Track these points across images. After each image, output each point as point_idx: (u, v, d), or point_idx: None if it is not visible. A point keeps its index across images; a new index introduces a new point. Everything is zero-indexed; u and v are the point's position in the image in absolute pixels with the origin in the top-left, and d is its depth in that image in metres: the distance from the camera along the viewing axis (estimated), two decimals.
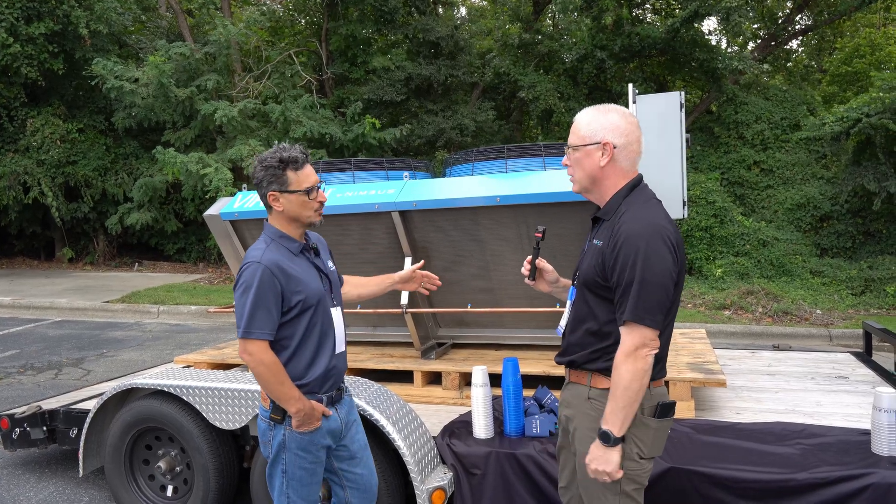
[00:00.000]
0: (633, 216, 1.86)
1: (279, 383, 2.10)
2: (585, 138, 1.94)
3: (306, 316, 2.16)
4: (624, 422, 1.82)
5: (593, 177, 1.96)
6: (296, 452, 2.17)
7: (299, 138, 11.69)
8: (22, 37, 11.95)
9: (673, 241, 1.84)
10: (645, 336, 1.80)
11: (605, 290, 1.90)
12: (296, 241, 2.23)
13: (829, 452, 2.66)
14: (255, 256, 2.12)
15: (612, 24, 12.61)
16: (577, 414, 2.00)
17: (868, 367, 4.18)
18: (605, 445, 1.84)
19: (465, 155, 4.24)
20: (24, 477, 3.99)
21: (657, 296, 1.80)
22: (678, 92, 3.71)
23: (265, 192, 2.18)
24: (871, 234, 11.50)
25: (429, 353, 3.94)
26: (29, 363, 6.84)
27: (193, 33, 14.41)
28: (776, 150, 13.08)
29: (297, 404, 2.12)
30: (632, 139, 1.94)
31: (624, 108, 1.97)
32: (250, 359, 2.09)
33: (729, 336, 7.75)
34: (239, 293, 2.10)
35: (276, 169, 2.15)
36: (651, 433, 1.91)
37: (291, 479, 2.19)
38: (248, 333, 2.07)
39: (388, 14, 13.73)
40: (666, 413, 1.92)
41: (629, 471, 1.89)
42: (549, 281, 2.25)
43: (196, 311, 9.50)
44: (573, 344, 2.01)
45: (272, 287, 2.08)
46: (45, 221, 14.48)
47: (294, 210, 2.18)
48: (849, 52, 16.01)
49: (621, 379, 1.80)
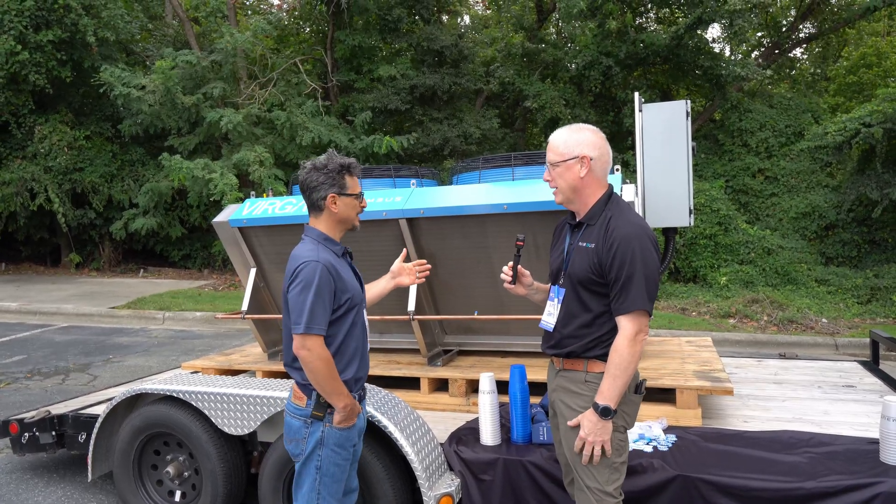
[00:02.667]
0: (622, 221, 2.12)
1: (333, 378, 2.17)
2: (565, 154, 2.18)
3: (350, 315, 2.25)
4: (619, 397, 2.09)
5: (574, 187, 2.19)
6: (333, 448, 2.23)
7: (307, 145, 11.73)
8: (30, 44, 12.06)
9: (655, 239, 2.15)
10: (642, 322, 2.08)
11: (600, 286, 2.13)
12: (338, 244, 2.33)
13: (837, 461, 2.66)
14: (311, 256, 2.18)
15: (617, 31, 12.66)
16: (572, 397, 2.21)
17: (875, 375, 4.17)
18: (605, 418, 2.08)
19: (471, 162, 4.27)
20: (33, 481, 4.01)
21: (650, 287, 2.08)
22: (684, 100, 3.73)
23: (324, 195, 2.25)
24: (877, 242, 11.48)
25: (435, 359, 3.95)
26: (36, 368, 6.87)
27: (200, 41, 14.51)
28: (781, 157, 13.08)
29: (345, 399, 2.20)
30: (604, 152, 2.20)
31: (594, 127, 2.23)
32: (308, 354, 2.13)
33: (734, 344, 7.74)
34: (297, 290, 2.15)
35: (337, 173, 2.26)
36: (633, 407, 2.21)
37: (325, 475, 2.24)
38: (308, 329, 2.12)
39: (392, 23, 13.81)
40: (642, 389, 2.24)
41: (619, 442, 2.16)
42: (525, 285, 2.45)
43: (201, 317, 9.53)
44: (568, 336, 2.21)
45: (328, 284, 2.16)
46: (51, 228, 14.56)
47: (346, 213, 2.30)
48: (854, 62, 16.02)
49: (622, 360, 2.05)
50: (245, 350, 4.76)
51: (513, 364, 3.12)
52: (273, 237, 4.13)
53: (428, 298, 3.98)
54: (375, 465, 2.82)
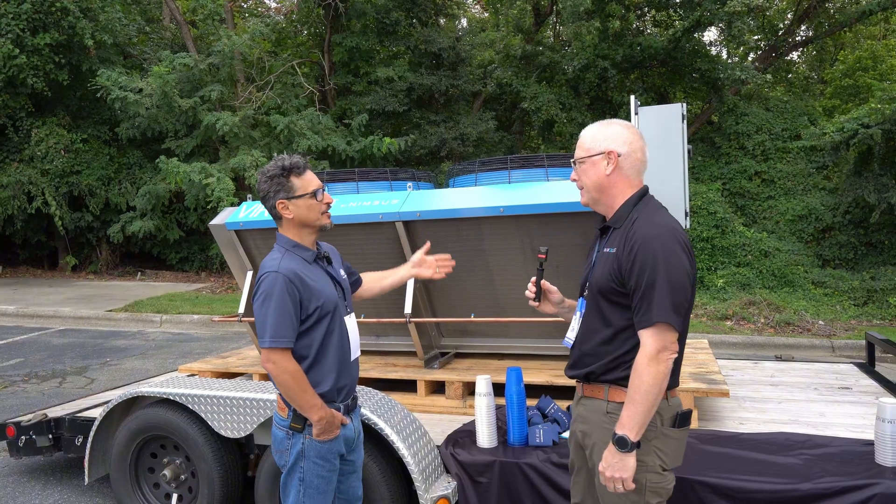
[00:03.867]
0: (646, 221, 1.88)
1: (302, 391, 2.11)
2: (590, 150, 1.99)
3: (324, 324, 2.18)
4: (641, 427, 1.80)
5: (600, 186, 1.99)
6: (314, 461, 2.18)
7: (303, 151, 11.74)
8: (28, 48, 12.06)
9: (686, 242, 1.87)
10: (666, 339, 1.80)
11: (621, 297, 1.89)
12: (309, 249, 2.25)
13: (832, 463, 2.66)
14: (272, 266, 2.13)
15: (615, 33, 12.67)
16: (594, 429, 1.96)
17: (871, 377, 4.18)
18: (622, 451, 1.80)
19: (468, 165, 4.27)
20: (30, 484, 4.00)
21: (677, 297, 1.79)
22: (680, 104, 3.74)
23: (273, 203, 2.20)
24: (874, 244, 11.51)
25: (432, 362, 3.96)
26: (33, 371, 6.85)
27: (197, 44, 14.52)
28: (777, 160, 13.12)
29: (319, 412, 2.13)
30: (635, 147, 1.97)
31: (626, 122, 2.02)
32: (274, 367, 2.09)
33: (731, 346, 7.75)
34: (259, 303, 2.11)
35: (280, 177, 2.18)
36: (673, 444, 1.91)
37: (308, 487, 2.19)
38: (272, 342, 2.07)
39: (390, 26, 13.84)
40: (684, 422, 1.92)
41: (653, 484, 1.87)
42: (554, 302, 2.22)
43: (198, 320, 9.52)
44: (587, 354, 1.98)
45: (291, 294, 2.09)
46: (48, 231, 14.54)
47: (303, 215, 2.20)
48: (851, 64, 16.08)
49: (642, 383, 1.78)
50: (242, 353, 4.75)
51: (509, 366, 3.12)
52: (269, 240, 4.13)
53: (424, 301, 3.98)
54: (372, 468, 2.82)
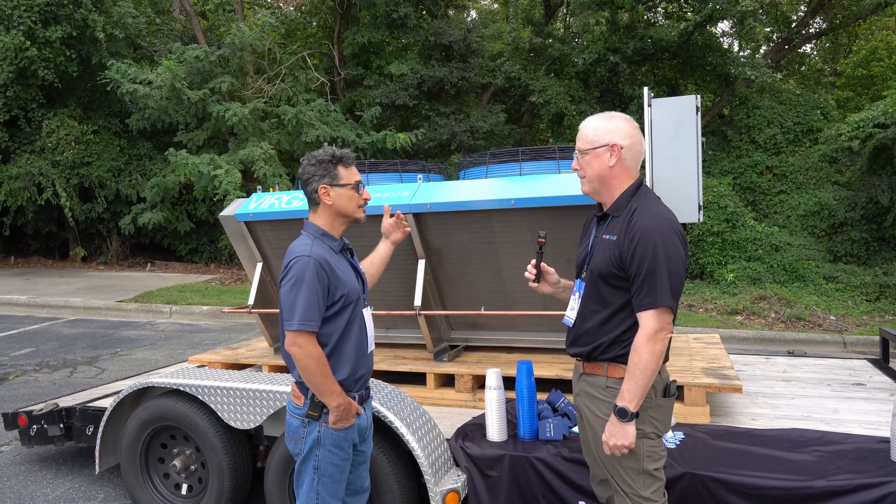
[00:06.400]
0: (645, 212, 2.02)
1: (324, 376, 2.13)
2: (594, 142, 2.11)
3: (347, 312, 2.21)
4: (640, 399, 1.98)
5: (603, 177, 2.12)
6: (329, 449, 2.20)
7: (312, 142, 11.73)
8: (39, 40, 12.10)
9: (681, 232, 2.04)
10: (664, 320, 1.97)
11: (621, 280, 2.04)
12: (336, 239, 2.29)
13: (847, 460, 2.63)
14: (304, 251, 2.15)
15: (626, 25, 12.55)
16: (595, 403, 2.14)
17: (885, 374, 4.13)
18: (623, 421, 1.98)
19: (479, 157, 4.25)
20: (41, 473, 4.03)
21: (674, 282, 1.97)
22: (693, 95, 3.69)
23: (316, 187, 2.23)
24: (886, 240, 11.39)
25: (441, 355, 3.94)
26: (45, 361, 6.91)
27: (207, 36, 14.52)
28: (789, 154, 12.98)
29: (338, 398, 2.15)
30: (636, 140, 2.11)
31: (627, 115, 2.15)
32: (299, 351, 2.10)
33: (741, 341, 7.70)
34: (288, 286, 2.12)
35: (328, 163, 2.24)
36: (664, 411, 2.11)
37: (323, 475, 2.21)
38: (301, 325, 2.09)
39: (400, 19, 13.79)
40: (672, 392, 2.13)
41: (650, 449, 2.06)
42: (551, 283, 2.37)
43: (208, 311, 9.56)
44: (587, 333, 2.13)
45: (321, 280, 2.12)
46: (59, 222, 14.63)
47: (342, 204, 2.26)
48: (865, 55, 15.86)
49: (641, 360, 1.95)
50: (251, 344, 4.76)
51: (520, 360, 3.11)
52: (279, 231, 4.13)
53: (434, 294, 3.97)
54: (381, 461, 2.82)
